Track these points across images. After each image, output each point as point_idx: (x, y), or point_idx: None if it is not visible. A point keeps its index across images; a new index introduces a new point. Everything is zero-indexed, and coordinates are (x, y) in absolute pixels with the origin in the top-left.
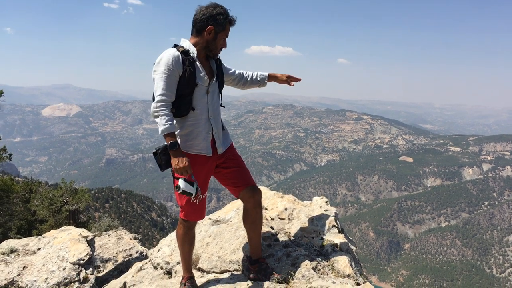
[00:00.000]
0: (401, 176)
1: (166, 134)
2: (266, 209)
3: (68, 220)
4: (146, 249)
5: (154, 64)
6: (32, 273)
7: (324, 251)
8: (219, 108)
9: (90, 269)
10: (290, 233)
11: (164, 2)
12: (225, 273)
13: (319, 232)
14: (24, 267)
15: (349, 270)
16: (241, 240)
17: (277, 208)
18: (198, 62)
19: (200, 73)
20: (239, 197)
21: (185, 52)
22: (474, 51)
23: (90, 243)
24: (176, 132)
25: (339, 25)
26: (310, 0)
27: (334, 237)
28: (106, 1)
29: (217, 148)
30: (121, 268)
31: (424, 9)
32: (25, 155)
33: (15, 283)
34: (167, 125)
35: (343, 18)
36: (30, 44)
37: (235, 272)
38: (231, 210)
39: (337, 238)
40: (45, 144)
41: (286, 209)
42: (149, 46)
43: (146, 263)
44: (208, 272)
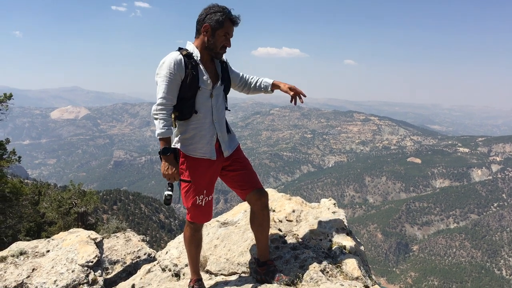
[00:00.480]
0: (409, 177)
1: (161, 138)
2: (274, 211)
3: (77, 222)
4: (154, 251)
5: (157, 68)
6: (42, 275)
7: (333, 253)
8: (224, 112)
9: (99, 271)
10: (298, 235)
11: (171, 5)
12: (233, 275)
13: (327, 234)
14: (34, 269)
15: (358, 273)
16: (249, 242)
17: (285, 210)
18: (202, 65)
19: (203, 76)
20: (246, 200)
21: (188, 55)
22: (482, 52)
23: (99, 245)
24: (180, 135)
25: (346, 26)
26: (317, 2)
27: (343, 239)
28: (114, 4)
29: (223, 152)
30: (130, 270)
31: (432, 10)
32: (34, 158)
33: (25, 285)
34: (163, 130)
35: (350, 19)
36: (39, 47)
37: (243, 275)
38: (239, 212)
39: (346, 240)
40: (54, 147)
41: (294, 211)
42: (157, 49)
43: (155, 265)
44: (216, 275)
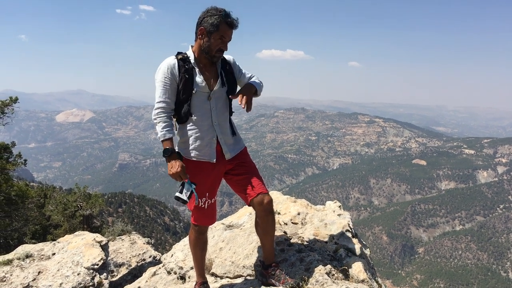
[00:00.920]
0: (415, 179)
1: (163, 140)
2: (279, 214)
3: (82, 225)
4: (159, 254)
5: (155, 73)
6: (47, 278)
7: (338, 256)
8: (226, 114)
9: (104, 274)
10: (304, 238)
11: (176, 8)
12: (239, 278)
13: (333, 237)
14: (39, 272)
15: (364, 275)
16: (254, 245)
17: (290, 213)
18: (197, 68)
19: (198, 79)
20: (250, 205)
21: (184, 59)
22: (487, 52)
23: (104, 248)
24: (179, 138)
25: (350, 28)
26: (321, 4)
27: (348, 242)
28: (119, 8)
29: (225, 154)
30: (135, 273)
31: (437, 11)
32: (40, 161)
33: None
34: (163, 132)
35: (354, 21)
36: (44, 51)
37: (249, 277)
38: (244, 215)
39: (351, 243)
40: (59, 150)
41: (299, 214)
42: (161, 51)
43: (160, 268)
44: (222, 277)
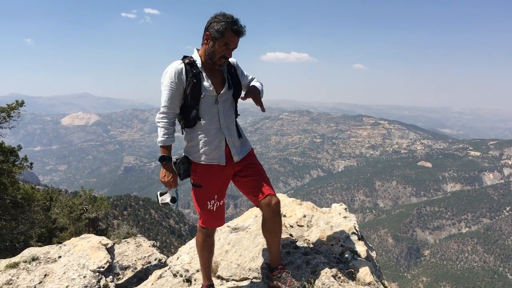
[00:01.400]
0: (420, 182)
1: (161, 146)
2: (285, 216)
3: (88, 228)
4: (165, 257)
5: (161, 77)
6: (53, 281)
7: (344, 259)
8: (233, 117)
9: (110, 277)
10: (309, 240)
11: (181, 11)
12: (245, 281)
13: (339, 239)
14: (46, 275)
15: (370, 278)
16: (260, 248)
17: (296, 215)
18: (204, 72)
19: (206, 84)
20: (258, 206)
21: (191, 64)
22: (494, 54)
23: (110, 251)
24: (187, 142)
25: (355, 30)
26: (325, 6)
27: (354, 245)
28: (124, 11)
29: (233, 156)
30: (140, 276)
31: (442, 12)
32: (45, 164)
33: None
34: (164, 138)
35: (359, 23)
36: (50, 54)
37: (255, 280)
38: (250, 217)
39: (357, 246)
40: (65, 153)
41: (305, 216)
42: (166, 54)
43: (166, 271)
44: (228, 280)
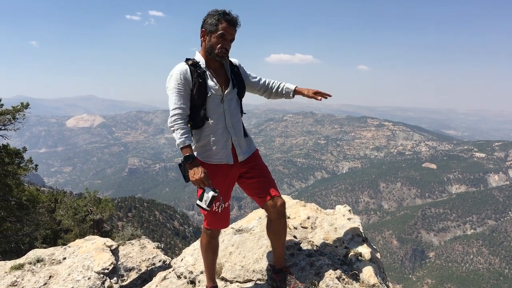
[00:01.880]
0: (425, 183)
1: (182, 147)
2: (289, 218)
3: (93, 229)
4: (169, 258)
5: (167, 81)
6: (58, 283)
7: (348, 261)
8: (239, 116)
9: (115, 278)
10: (313, 242)
11: (185, 14)
12: (249, 283)
13: (343, 241)
14: (50, 277)
15: (374, 280)
16: (264, 249)
17: (300, 217)
18: (209, 72)
19: (211, 83)
20: (263, 208)
21: (194, 64)
22: (499, 55)
23: (114, 253)
24: (195, 144)
25: (359, 32)
26: (329, 8)
27: (358, 246)
28: (128, 13)
29: (238, 156)
30: (145, 277)
31: (447, 13)
32: (50, 166)
33: None
34: (182, 139)
35: (363, 25)
36: (55, 57)
37: (259, 282)
38: (254, 219)
39: (361, 247)
40: (70, 155)
41: (309, 218)
42: (171, 56)
43: (170, 273)
44: (232, 282)
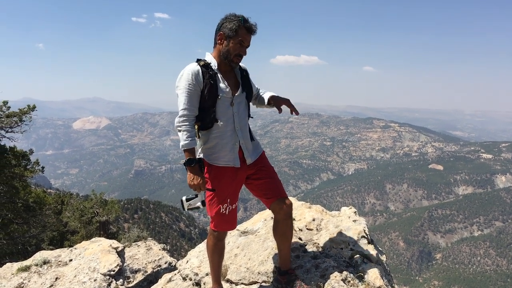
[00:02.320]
0: (431, 185)
1: (185, 150)
2: (294, 220)
3: (99, 231)
4: (175, 260)
5: (177, 80)
6: (64, 284)
7: (354, 263)
8: (247, 119)
9: (120, 280)
10: (319, 244)
11: (191, 16)
12: (254, 285)
13: (348, 243)
14: (57, 278)
15: (380, 282)
16: (269, 251)
17: (305, 219)
18: (220, 74)
19: (222, 85)
20: (270, 209)
21: (206, 66)
22: (506, 55)
23: (120, 254)
24: (203, 145)
25: (364, 33)
26: (335, 9)
27: (364, 248)
28: (134, 16)
29: (246, 159)
30: (151, 279)
31: (453, 13)
32: (57, 168)
33: None
34: (187, 141)
35: (368, 26)
36: (61, 59)
37: (264, 284)
38: (259, 221)
39: (367, 249)
40: (76, 157)
41: (314, 220)
42: (176, 58)
43: (175, 274)
44: (237, 284)
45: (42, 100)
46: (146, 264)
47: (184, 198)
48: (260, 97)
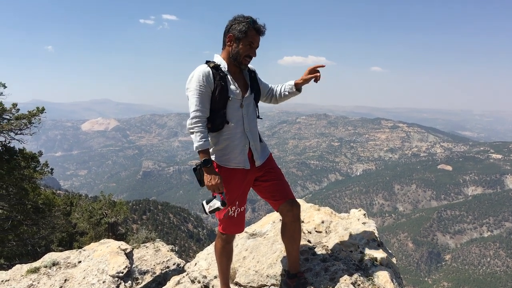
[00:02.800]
0: (440, 185)
1: (200, 151)
2: (303, 222)
3: (108, 232)
4: (183, 261)
5: (187, 82)
6: (73, 286)
7: (364, 266)
8: (256, 121)
9: (129, 282)
10: (328, 247)
11: (198, 17)
12: None
13: (358, 246)
14: (66, 280)
15: (391, 286)
16: (278, 254)
17: (314, 221)
18: (230, 76)
19: (232, 87)
20: (278, 211)
21: (216, 67)
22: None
23: (129, 256)
24: (213, 147)
25: (372, 33)
26: (342, 9)
27: (374, 251)
28: (142, 18)
29: (255, 161)
30: (159, 280)
31: (461, 13)
32: (66, 169)
33: None
34: (201, 142)
35: (376, 26)
36: (70, 61)
37: (273, 287)
38: (267, 223)
39: (377, 252)
40: (85, 158)
41: (323, 222)
42: (184, 60)
43: (184, 277)
44: (245, 287)
45: (51, 102)
46: (155, 266)
47: (204, 202)
48: (279, 92)
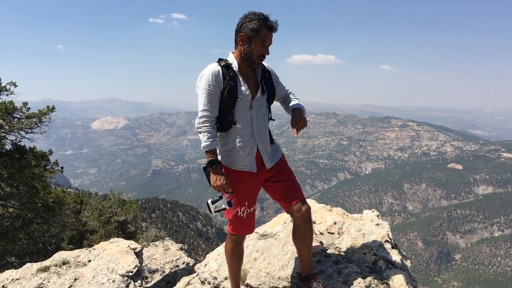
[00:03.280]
0: (450, 184)
1: (207, 151)
2: (315, 223)
3: (117, 231)
4: (192, 260)
5: (197, 80)
6: (83, 285)
7: (377, 268)
8: (266, 123)
9: (139, 281)
10: (341, 249)
11: (208, 16)
12: None
13: (371, 248)
14: (76, 279)
15: None
16: (290, 256)
17: (326, 222)
18: (241, 76)
19: (242, 87)
20: (289, 213)
21: (227, 66)
22: None
23: (138, 255)
24: (220, 147)
25: (381, 31)
26: (351, 8)
27: (388, 253)
28: (152, 17)
29: (265, 163)
30: (168, 279)
31: (472, 11)
32: (76, 167)
33: None
34: (208, 142)
35: (385, 24)
36: (80, 60)
37: None
38: (278, 224)
39: (391, 254)
40: (95, 156)
41: (336, 223)
42: (194, 59)
43: (194, 278)
44: None
45: (62, 101)
46: (164, 264)
47: (210, 201)
48: (287, 104)
